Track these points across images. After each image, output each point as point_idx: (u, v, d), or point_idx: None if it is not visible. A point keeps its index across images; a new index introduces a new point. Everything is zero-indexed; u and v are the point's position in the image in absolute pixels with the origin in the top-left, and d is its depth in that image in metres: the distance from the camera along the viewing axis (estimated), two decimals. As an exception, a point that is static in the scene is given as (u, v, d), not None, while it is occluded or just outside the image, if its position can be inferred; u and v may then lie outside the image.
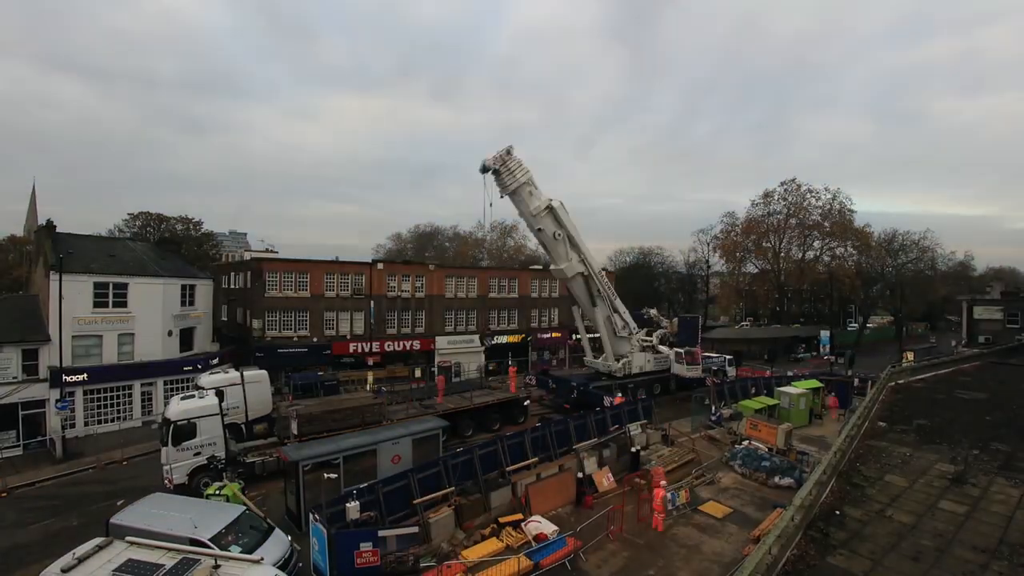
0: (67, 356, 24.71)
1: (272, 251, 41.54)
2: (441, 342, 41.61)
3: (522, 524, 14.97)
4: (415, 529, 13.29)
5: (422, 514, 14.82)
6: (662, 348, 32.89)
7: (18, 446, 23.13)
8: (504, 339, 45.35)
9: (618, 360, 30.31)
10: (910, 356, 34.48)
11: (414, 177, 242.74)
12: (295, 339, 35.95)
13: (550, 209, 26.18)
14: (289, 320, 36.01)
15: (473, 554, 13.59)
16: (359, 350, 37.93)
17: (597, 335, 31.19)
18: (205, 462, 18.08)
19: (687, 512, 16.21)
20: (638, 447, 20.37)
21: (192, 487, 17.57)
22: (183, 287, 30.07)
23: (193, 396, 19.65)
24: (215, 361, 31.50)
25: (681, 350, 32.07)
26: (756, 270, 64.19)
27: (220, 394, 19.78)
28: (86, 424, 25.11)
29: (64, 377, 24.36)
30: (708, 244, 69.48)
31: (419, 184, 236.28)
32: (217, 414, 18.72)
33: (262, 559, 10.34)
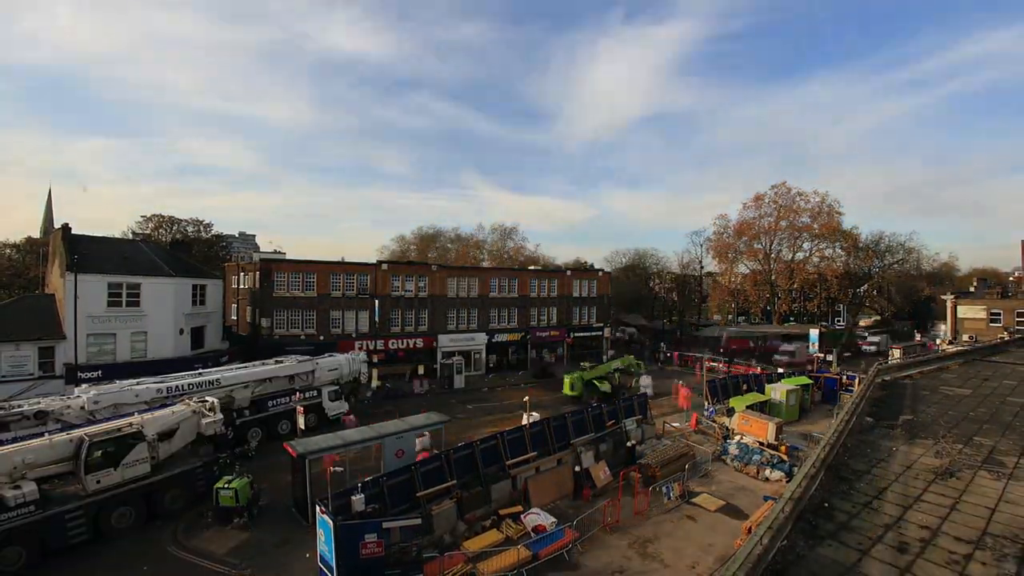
0: (82, 353, 25.44)
1: (280, 253, 42.20)
2: (443, 340, 42.20)
3: (521, 516, 15.47)
4: (418, 520, 13.76)
5: (425, 506, 15.32)
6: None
7: (35, 441, 23.88)
8: (504, 336, 45.88)
9: None
10: (896, 353, 35.21)
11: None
12: (302, 337, 36.63)
13: None
14: (296, 319, 36.71)
15: (474, 545, 14.08)
16: (364, 348, 38.54)
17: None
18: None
19: (681, 505, 16.65)
20: (634, 442, 20.83)
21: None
22: (194, 287, 30.78)
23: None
24: (225, 359, 32.23)
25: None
26: (748, 271, 64.98)
27: None
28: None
29: (79, 374, 25.09)
30: (701, 245, 70.32)
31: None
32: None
33: None
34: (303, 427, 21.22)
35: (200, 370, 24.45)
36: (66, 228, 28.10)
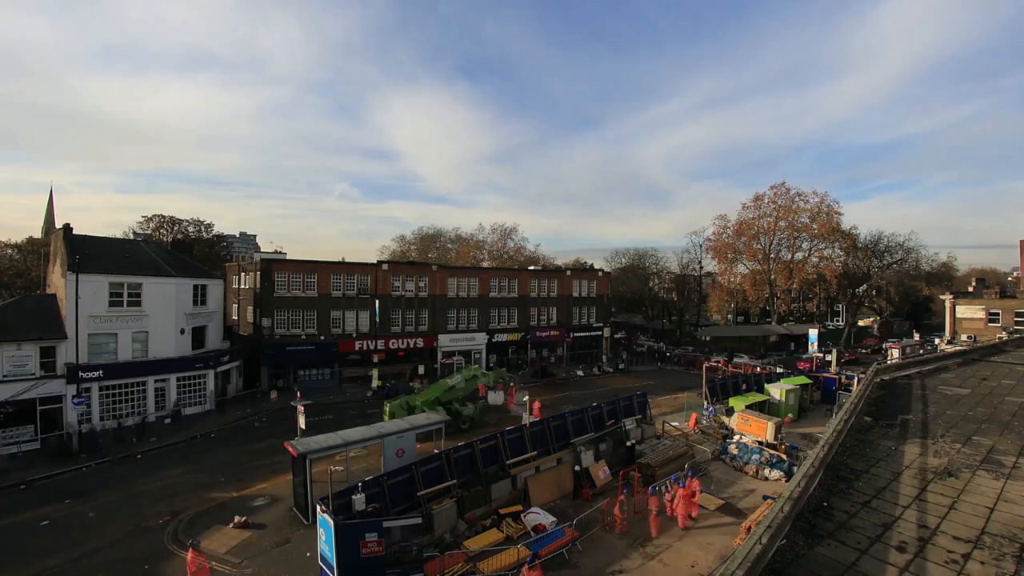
0: (83, 353, 25.47)
1: (281, 253, 42.29)
2: (444, 340, 42.29)
3: (521, 515, 15.50)
4: (418, 520, 13.79)
5: (425, 505, 15.38)
6: None
7: (36, 440, 23.85)
8: (504, 336, 45.96)
9: None
10: (895, 353, 35.37)
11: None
12: (303, 337, 36.73)
13: None
14: (297, 319, 36.80)
15: (475, 544, 14.13)
16: (364, 347, 38.65)
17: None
18: None
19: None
20: (633, 441, 20.88)
21: None
22: (195, 287, 30.79)
23: None
24: (226, 359, 32.30)
25: None
26: (747, 271, 65.14)
27: None
28: (101, 419, 25.90)
29: (80, 373, 25.15)
30: (700, 246, 70.46)
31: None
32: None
33: None
34: (303, 427, 21.28)
35: None
36: (67, 228, 28.13)
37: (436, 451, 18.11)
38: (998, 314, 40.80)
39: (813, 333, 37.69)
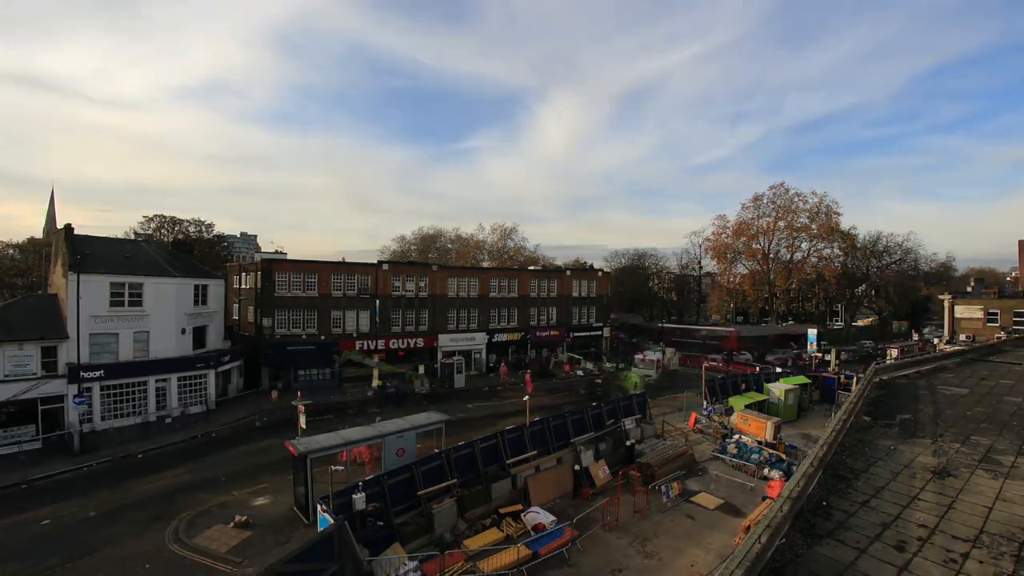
0: (84, 353, 25.49)
1: (281, 253, 42.34)
2: (444, 339, 42.33)
3: (521, 515, 15.52)
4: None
5: (426, 505, 15.40)
6: None
7: (37, 440, 23.89)
8: (504, 336, 45.98)
9: None
10: (893, 353, 35.43)
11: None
12: (303, 337, 36.77)
13: None
14: (298, 318, 36.84)
15: (475, 543, 14.16)
16: (365, 347, 38.69)
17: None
18: None
19: (680, 503, 16.70)
20: (633, 441, 20.89)
21: None
22: (196, 287, 30.82)
23: None
24: (226, 358, 32.34)
25: None
26: (746, 271, 65.18)
27: None
28: (103, 419, 25.93)
29: (82, 373, 25.17)
30: (700, 246, 70.53)
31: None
32: None
33: None
34: (303, 426, 21.30)
35: None
36: (68, 228, 28.16)
37: (436, 450, 18.15)
38: (997, 314, 40.89)
39: (812, 333, 37.78)
